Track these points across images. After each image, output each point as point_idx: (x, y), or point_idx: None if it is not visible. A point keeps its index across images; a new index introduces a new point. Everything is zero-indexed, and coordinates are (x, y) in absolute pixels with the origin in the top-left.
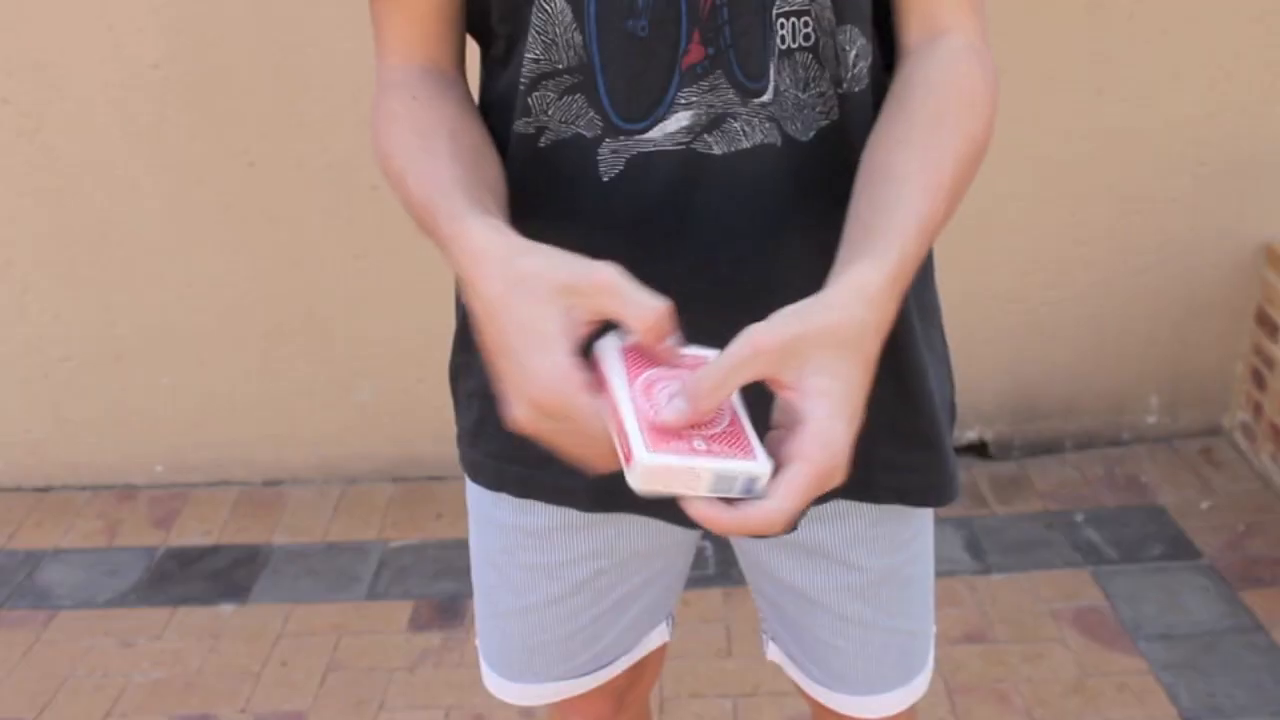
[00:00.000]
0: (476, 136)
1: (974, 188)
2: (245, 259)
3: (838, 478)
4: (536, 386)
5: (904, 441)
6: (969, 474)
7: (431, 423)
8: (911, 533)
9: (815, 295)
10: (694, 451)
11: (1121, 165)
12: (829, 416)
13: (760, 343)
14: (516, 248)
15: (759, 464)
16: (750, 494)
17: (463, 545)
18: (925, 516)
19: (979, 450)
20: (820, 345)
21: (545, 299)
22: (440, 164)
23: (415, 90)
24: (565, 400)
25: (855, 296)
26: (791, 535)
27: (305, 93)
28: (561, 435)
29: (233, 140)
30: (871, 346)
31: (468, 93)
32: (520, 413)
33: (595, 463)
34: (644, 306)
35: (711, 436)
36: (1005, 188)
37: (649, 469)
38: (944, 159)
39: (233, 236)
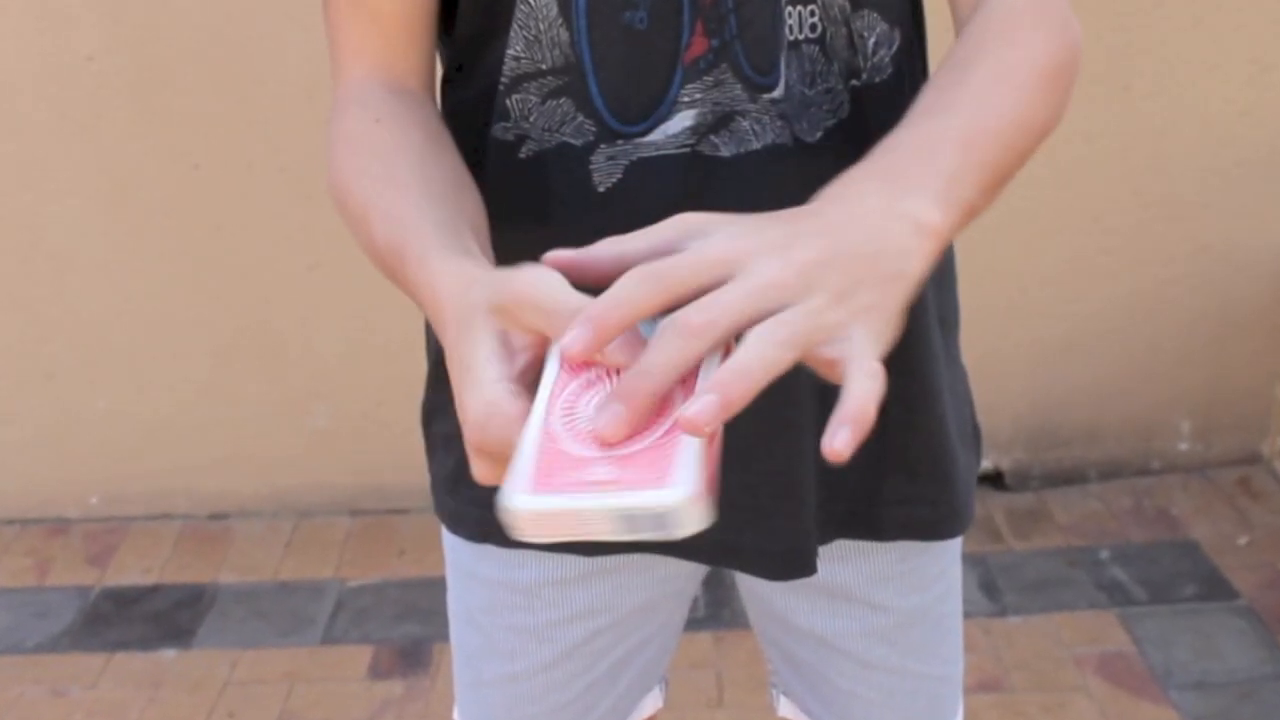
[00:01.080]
0: (450, 165)
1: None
2: (189, 270)
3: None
4: (469, 428)
5: (913, 471)
6: (983, 506)
7: (394, 450)
8: (940, 568)
9: None
10: (589, 485)
11: (1149, 166)
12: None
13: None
14: (472, 280)
15: (669, 491)
16: (663, 531)
17: (428, 585)
18: (953, 549)
19: (994, 481)
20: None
21: (479, 328)
22: (408, 199)
23: (378, 111)
24: (498, 437)
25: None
26: (810, 577)
27: (256, 89)
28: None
29: (176, 140)
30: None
31: (438, 115)
32: (472, 464)
33: None
34: (560, 314)
35: (628, 457)
36: (1021, 192)
37: (525, 515)
38: (971, 77)
39: (175, 245)
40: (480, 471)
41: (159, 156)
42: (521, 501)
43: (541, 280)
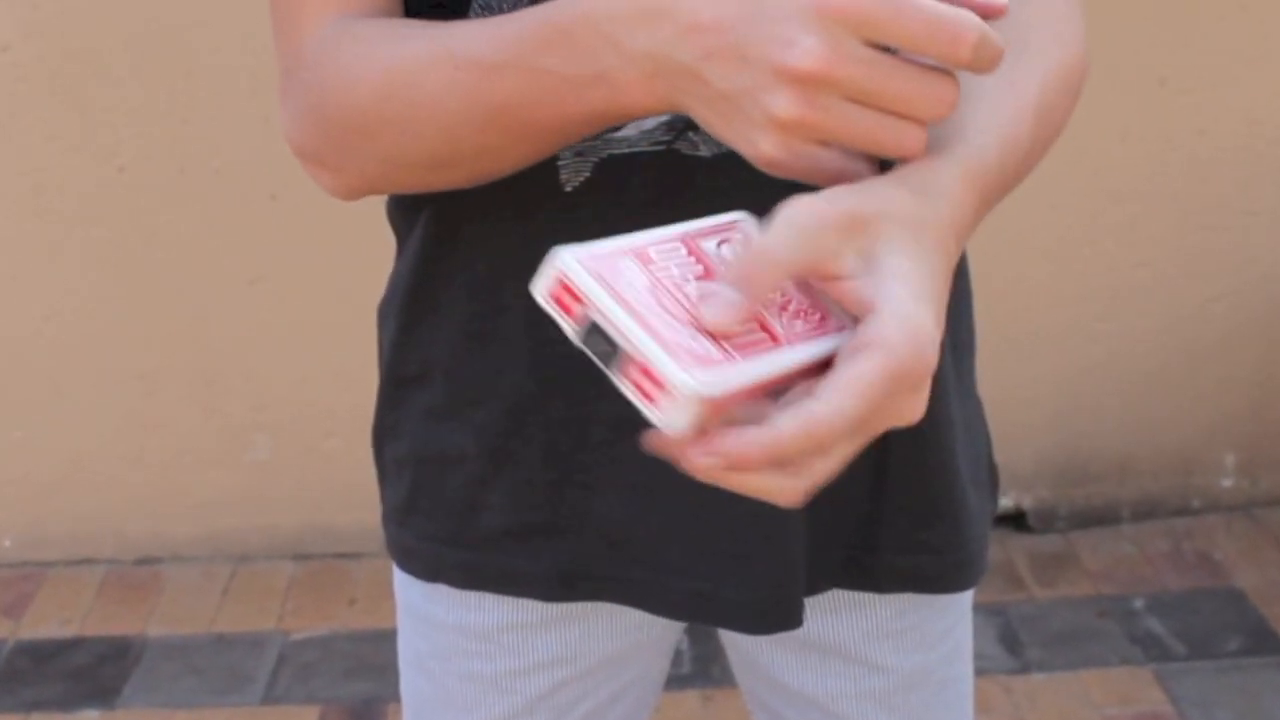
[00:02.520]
0: None
1: (1005, 201)
2: (115, 284)
3: (922, 381)
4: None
5: (917, 515)
6: (1003, 550)
7: (344, 487)
8: (947, 624)
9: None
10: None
11: (1190, 170)
12: (913, 298)
13: (821, 210)
14: None
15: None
16: None
17: (380, 637)
18: (961, 603)
19: (1015, 521)
20: (892, 220)
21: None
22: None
23: (372, 21)
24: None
25: (924, 182)
26: (798, 631)
27: (189, 82)
28: (880, 74)
29: (100, 139)
30: (952, 246)
31: None
32: (785, 98)
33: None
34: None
35: (745, 345)
36: (1047, 198)
37: (701, 398)
38: (1029, 81)
39: (100, 256)
40: (798, 100)
41: (81, 157)
42: (694, 381)
43: None
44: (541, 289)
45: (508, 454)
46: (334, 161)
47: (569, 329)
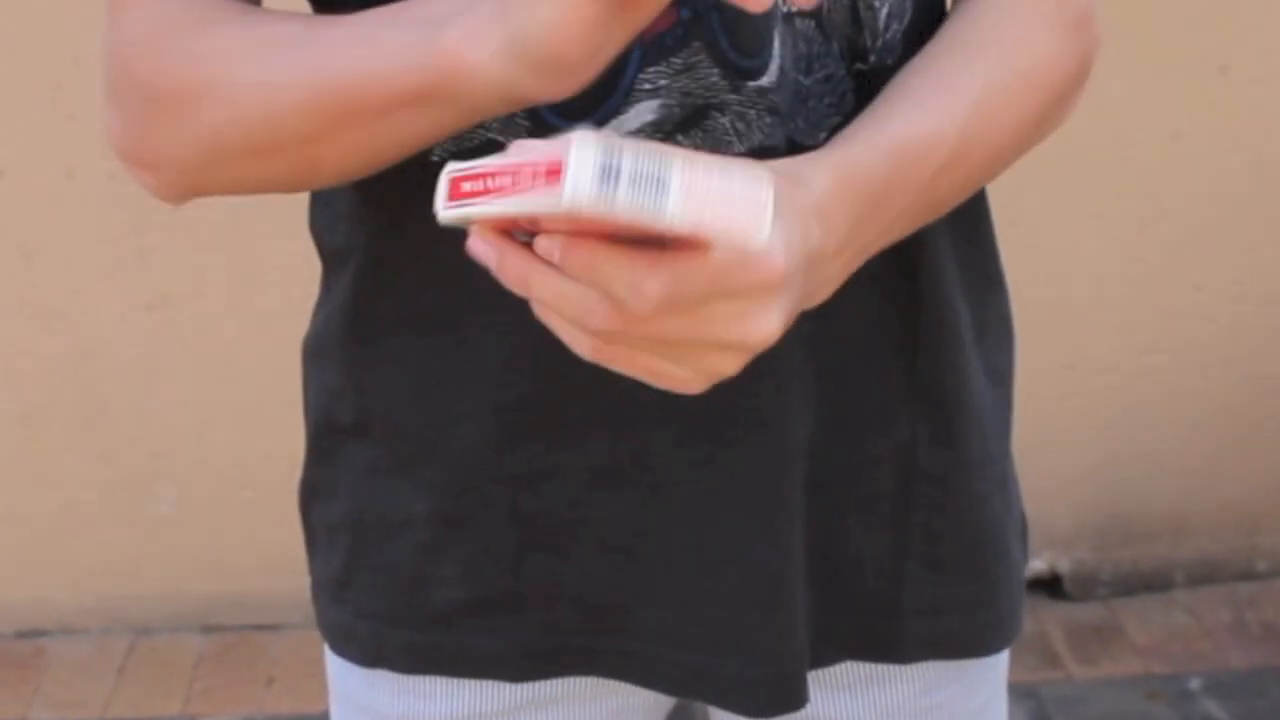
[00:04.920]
0: None
1: (1041, 210)
2: None
3: (756, 291)
4: None
5: (945, 568)
6: (1035, 621)
7: (261, 546)
8: (979, 702)
9: None
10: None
11: (1253, 172)
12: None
13: None
14: None
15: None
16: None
17: None
18: (996, 671)
19: (1050, 587)
20: None
21: None
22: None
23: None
24: None
25: (785, 166)
26: (803, 711)
27: (76, 71)
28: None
29: None
30: (812, 223)
31: None
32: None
33: None
34: None
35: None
36: (1087, 208)
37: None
38: (968, 81)
39: None
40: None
41: None
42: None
43: None
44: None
45: (463, 516)
46: (150, 156)
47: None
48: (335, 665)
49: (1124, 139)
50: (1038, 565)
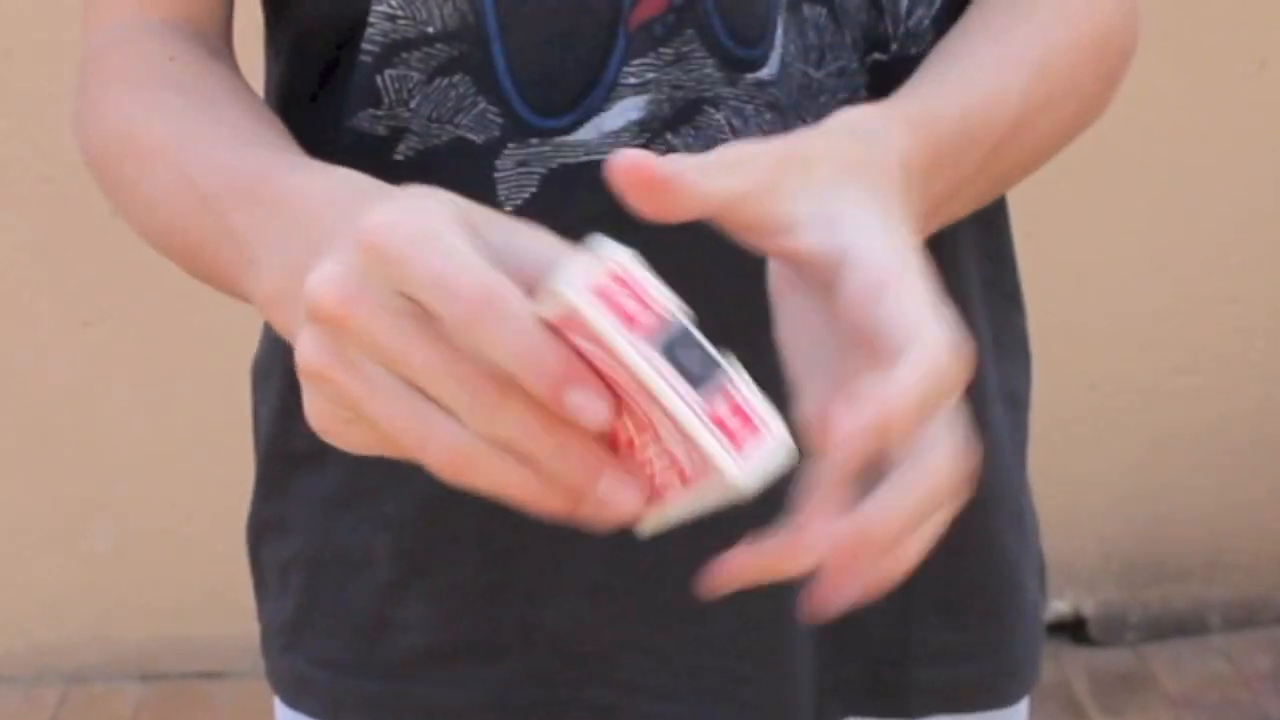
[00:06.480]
0: (269, 115)
1: (1061, 219)
2: None
3: (957, 382)
4: (372, 222)
5: (957, 610)
6: (1058, 667)
7: (206, 585)
8: None
9: None
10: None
11: None
12: (905, 271)
13: (750, 147)
14: (400, 191)
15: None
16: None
17: None
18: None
19: (1073, 631)
20: (838, 162)
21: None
22: (239, 119)
23: (169, 49)
24: (426, 230)
25: (854, 124)
26: None
27: (7, 66)
28: (418, 341)
29: None
30: (915, 187)
31: (243, 79)
32: (327, 266)
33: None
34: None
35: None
36: (1112, 215)
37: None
38: (1026, 39)
39: None
40: (330, 294)
41: None
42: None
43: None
44: (578, 281)
45: (429, 553)
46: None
47: (625, 336)
48: (287, 718)
49: (1151, 140)
50: (1060, 607)
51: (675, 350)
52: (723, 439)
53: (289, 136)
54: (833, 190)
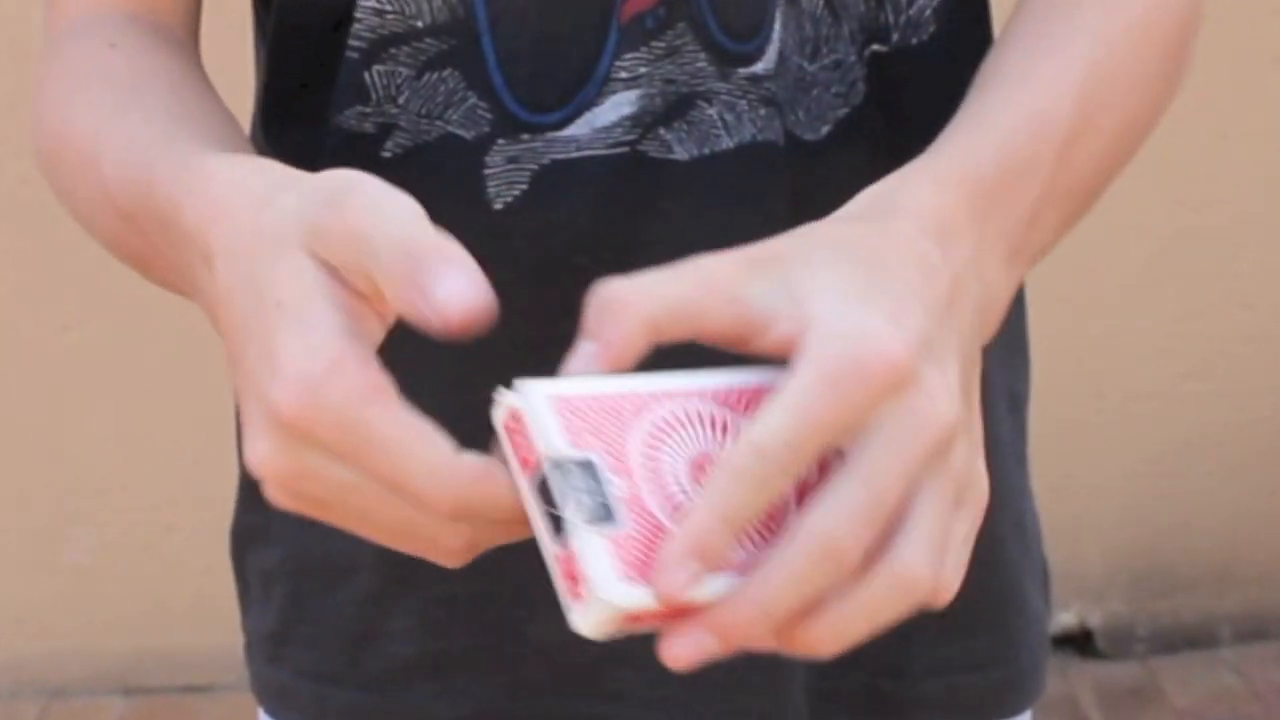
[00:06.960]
0: (214, 104)
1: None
2: None
3: (886, 378)
4: (285, 387)
5: (959, 621)
6: (1064, 681)
7: (190, 597)
8: None
9: None
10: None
11: None
12: (840, 299)
13: (716, 257)
14: (275, 182)
15: None
16: None
17: None
18: None
19: (1079, 644)
20: (812, 245)
21: (297, 250)
22: (155, 116)
23: (113, 36)
24: (336, 415)
25: (861, 208)
26: None
27: None
28: (342, 488)
29: None
30: (926, 245)
31: (199, 62)
32: (260, 445)
33: (429, 543)
34: (414, 261)
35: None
36: (1119, 217)
37: (621, 615)
38: (1071, 43)
39: None
40: (269, 456)
41: None
42: (621, 596)
43: (388, 205)
44: (496, 415)
45: (414, 563)
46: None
47: (516, 473)
48: None
49: (1163, 138)
50: (1066, 619)
51: (544, 492)
52: (567, 588)
53: (220, 123)
54: (803, 278)
